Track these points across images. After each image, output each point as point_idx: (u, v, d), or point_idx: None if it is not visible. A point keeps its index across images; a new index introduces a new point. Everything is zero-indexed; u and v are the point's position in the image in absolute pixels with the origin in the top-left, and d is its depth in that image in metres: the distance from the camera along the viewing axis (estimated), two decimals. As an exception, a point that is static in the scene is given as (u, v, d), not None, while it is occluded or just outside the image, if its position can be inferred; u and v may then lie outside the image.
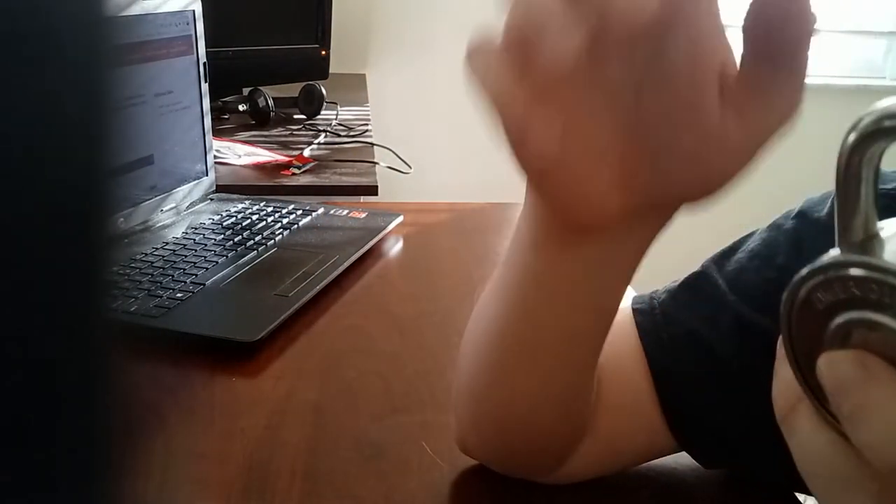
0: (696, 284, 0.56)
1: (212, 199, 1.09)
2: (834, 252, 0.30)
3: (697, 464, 0.57)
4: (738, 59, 0.34)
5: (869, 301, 0.28)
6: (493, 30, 0.34)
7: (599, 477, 0.57)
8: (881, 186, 0.54)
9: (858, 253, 0.29)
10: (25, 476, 0.15)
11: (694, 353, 0.54)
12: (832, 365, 0.29)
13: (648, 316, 0.56)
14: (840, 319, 0.29)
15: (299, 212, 1.04)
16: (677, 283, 0.57)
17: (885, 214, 0.38)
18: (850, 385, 0.28)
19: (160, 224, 0.99)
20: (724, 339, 0.54)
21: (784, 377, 0.31)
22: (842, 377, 0.28)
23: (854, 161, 0.29)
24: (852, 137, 0.29)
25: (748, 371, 0.54)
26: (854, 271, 0.29)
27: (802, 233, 0.54)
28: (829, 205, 0.54)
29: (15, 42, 0.13)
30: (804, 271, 0.30)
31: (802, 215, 0.55)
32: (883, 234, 0.30)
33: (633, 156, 0.37)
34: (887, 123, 0.28)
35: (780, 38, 0.33)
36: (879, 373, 0.27)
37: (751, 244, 0.56)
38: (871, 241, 0.30)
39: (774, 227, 0.56)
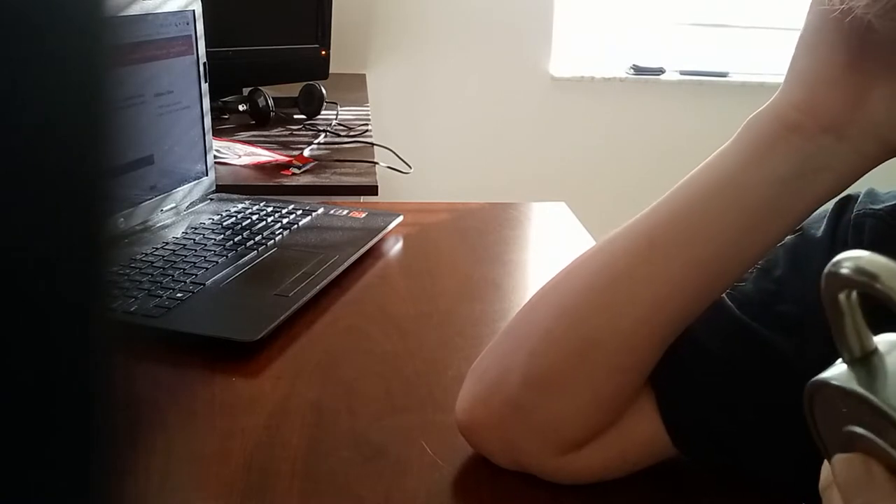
0: None
1: (212, 199, 1.09)
2: (838, 368, 0.35)
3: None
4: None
5: (864, 422, 0.33)
6: None
7: (601, 481, 0.57)
8: (870, 206, 0.56)
9: (861, 367, 0.34)
10: (26, 475, 0.15)
11: (688, 352, 0.54)
12: (842, 466, 0.34)
13: None
14: (846, 429, 0.34)
15: (299, 212, 1.04)
16: None
17: (872, 234, 0.41)
18: (857, 486, 0.33)
19: (160, 224, 0.99)
20: (720, 342, 0.55)
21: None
22: (850, 478, 0.33)
23: (836, 300, 0.34)
24: (831, 283, 0.33)
25: (741, 373, 0.54)
26: (849, 395, 0.34)
27: (800, 248, 0.56)
28: (824, 224, 0.56)
29: (15, 42, 0.13)
30: (815, 381, 0.36)
31: (801, 231, 0.57)
32: (882, 347, 0.34)
33: None
34: (860, 278, 0.32)
35: None
36: (882, 480, 0.33)
37: None
38: (870, 358, 0.34)
39: None
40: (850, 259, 0.32)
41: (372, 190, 1.32)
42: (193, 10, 1.04)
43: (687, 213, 0.52)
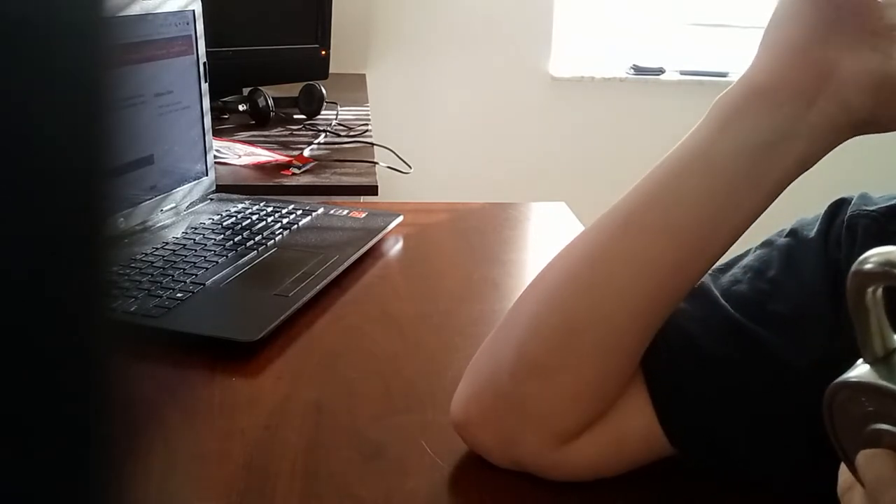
0: (691, 291, 0.57)
1: (212, 199, 1.09)
2: (861, 368, 0.35)
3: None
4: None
5: (892, 418, 0.33)
6: None
7: (598, 478, 0.57)
8: (863, 208, 0.56)
9: (883, 366, 0.34)
10: (27, 475, 0.15)
11: (682, 349, 0.54)
12: (869, 463, 0.34)
13: None
14: (871, 427, 0.34)
15: (299, 212, 1.04)
16: None
17: (866, 235, 0.42)
18: (886, 482, 0.33)
19: (160, 224, 0.99)
20: (714, 340, 0.55)
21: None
22: (879, 474, 0.33)
23: (862, 297, 0.34)
24: (858, 280, 0.34)
25: (735, 371, 0.55)
26: (877, 391, 0.34)
27: (793, 249, 0.57)
28: (818, 226, 0.57)
29: (15, 43, 0.13)
30: (837, 382, 0.36)
31: (794, 233, 0.58)
32: None
33: None
34: (888, 270, 0.32)
35: None
36: None
37: (745, 260, 0.59)
38: (892, 356, 0.34)
39: (767, 243, 0.59)
40: (878, 254, 0.33)
41: (372, 190, 1.32)
42: (193, 10, 1.04)
43: (660, 189, 0.53)
